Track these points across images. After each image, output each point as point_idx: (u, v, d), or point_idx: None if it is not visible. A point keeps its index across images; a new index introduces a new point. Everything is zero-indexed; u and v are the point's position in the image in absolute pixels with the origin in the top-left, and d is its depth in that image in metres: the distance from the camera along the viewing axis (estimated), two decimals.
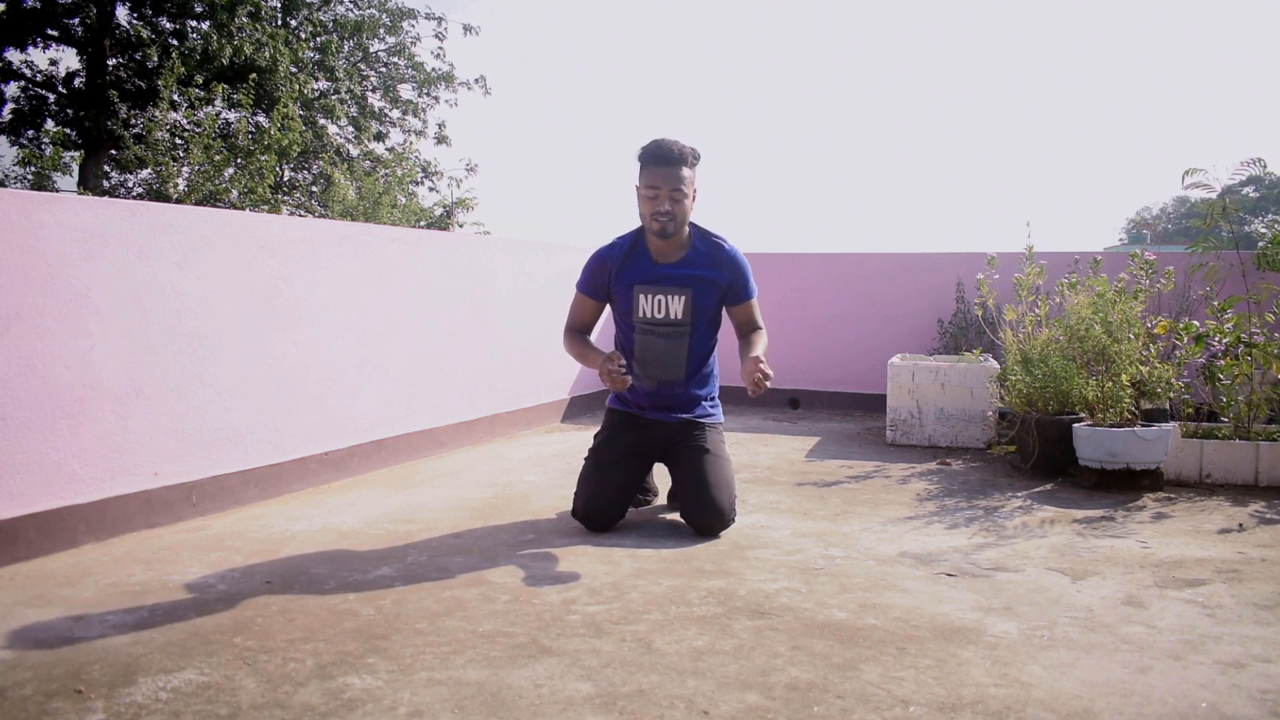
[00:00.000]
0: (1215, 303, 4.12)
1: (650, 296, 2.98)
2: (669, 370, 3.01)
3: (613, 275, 3.04)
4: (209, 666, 1.89)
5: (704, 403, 3.09)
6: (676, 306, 2.97)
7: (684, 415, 3.04)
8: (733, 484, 2.97)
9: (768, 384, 2.73)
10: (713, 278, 2.99)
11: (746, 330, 3.09)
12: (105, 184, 12.71)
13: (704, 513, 2.88)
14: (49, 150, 10.81)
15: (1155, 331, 3.87)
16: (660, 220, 2.88)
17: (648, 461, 3.13)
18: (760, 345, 2.98)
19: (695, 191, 2.95)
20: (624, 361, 2.79)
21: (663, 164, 2.87)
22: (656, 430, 3.05)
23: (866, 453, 4.42)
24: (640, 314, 2.99)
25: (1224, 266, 4.56)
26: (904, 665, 1.89)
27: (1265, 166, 4.43)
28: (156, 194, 9.24)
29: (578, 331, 3.14)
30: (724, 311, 3.11)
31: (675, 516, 3.13)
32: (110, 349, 2.83)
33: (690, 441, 3.00)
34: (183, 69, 9.62)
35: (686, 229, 3.01)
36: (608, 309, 3.18)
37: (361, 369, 3.83)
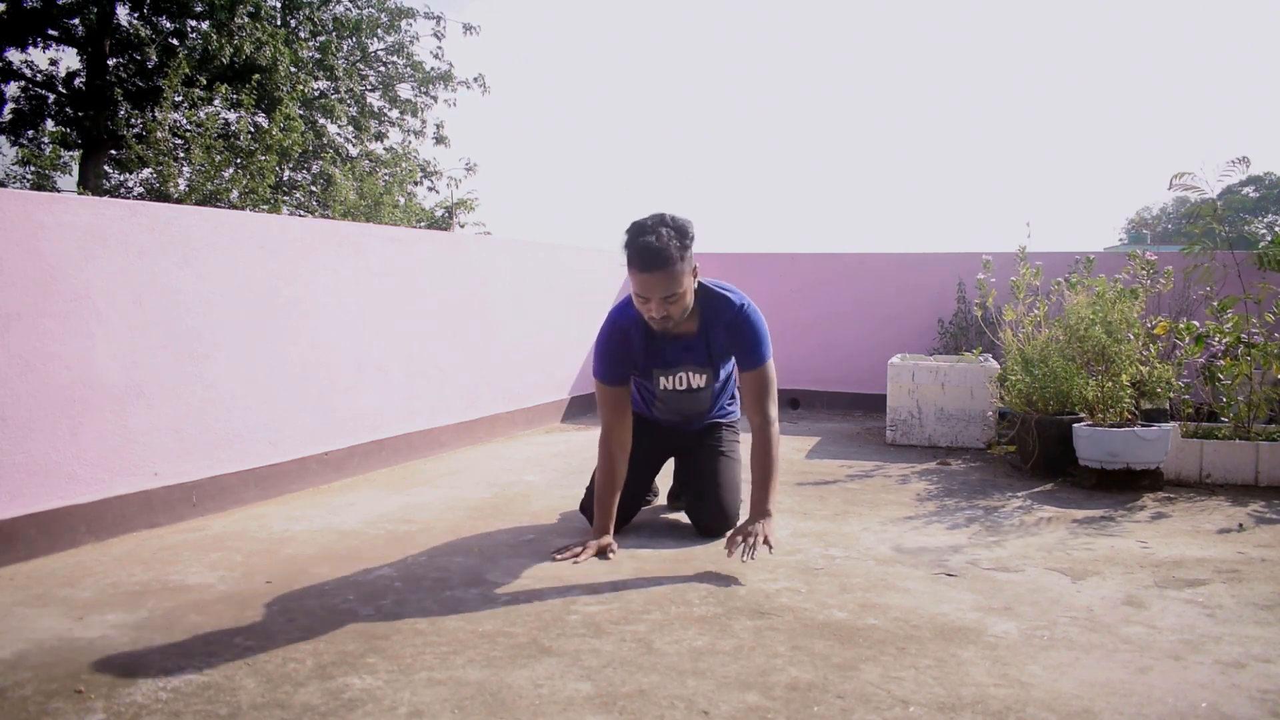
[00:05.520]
0: (1214, 303, 4.12)
1: (670, 376, 2.87)
2: (692, 411, 2.99)
3: (634, 358, 2.82)
4: (209, 666, 1.89)
5: (723, 404, 3.10)
6: (698, 380, 2.88)
7: (703, 423, 3.05)
8: (741, 487, 2.96)
9: (752, 552, 2.47)
10: (726, 343, 2.79)
11: (753, 408, 2.72)
12: (105, 184, 12.72)
13: (712, 514, 2.87)
14: (49, 150, 10.83)
15: (1155, 332, 3.87)
16: (659, 324, 2.63)
17: (661, 462, 3.14)
18: (769, 479, 2.63)
19: (696, 269, 2.62)
20: (614, 552, 2.66)
21: (649, 270, 2.50)
22: (674, 434, 3.06)
23: (866, 452, 4.42)
24: (662, 387, 2.91)
25: (1218, 268, 4.57)
26: (904, 665, 1.89)
27: (1249, 166, 4.47)
28: (157, 194, 9.24)
29: (613, 453, 2.75)
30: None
31: (675, 516, 3.13)
32: (110, 349, 2.83)
33: (706, 441, 3.01)
34: (185, 69, 9.62)
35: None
36: None
37: (361, 369, 3.83)
